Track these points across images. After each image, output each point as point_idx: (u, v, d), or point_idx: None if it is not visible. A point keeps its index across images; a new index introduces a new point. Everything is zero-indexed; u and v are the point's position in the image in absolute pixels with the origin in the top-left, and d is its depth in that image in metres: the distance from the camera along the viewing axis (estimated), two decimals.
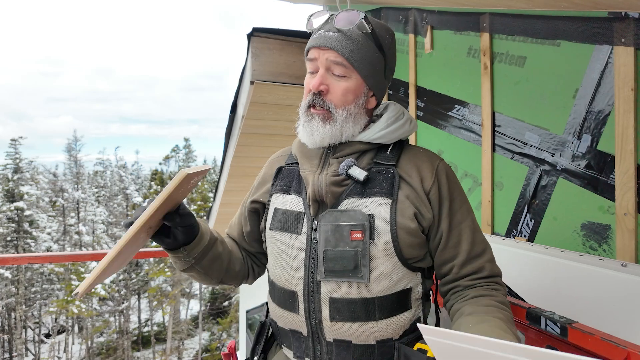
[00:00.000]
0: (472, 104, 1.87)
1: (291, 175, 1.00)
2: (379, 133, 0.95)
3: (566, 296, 1.30)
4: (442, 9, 2.04)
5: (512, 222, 1.66)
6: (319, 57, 0.91)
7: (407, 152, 0.97)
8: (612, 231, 1.29)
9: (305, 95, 0.96)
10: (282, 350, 1.02)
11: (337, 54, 0.90)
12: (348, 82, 0.92)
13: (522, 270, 1.46)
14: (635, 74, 1.20)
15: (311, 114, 0.93)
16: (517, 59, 1.63)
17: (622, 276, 1.16)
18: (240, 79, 2.74)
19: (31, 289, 21.41)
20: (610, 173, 1.29)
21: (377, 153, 0.96)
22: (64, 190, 25.49)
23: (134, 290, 22.52)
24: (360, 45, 0.91)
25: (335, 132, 0.92)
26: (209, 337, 22.50)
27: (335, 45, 0.89)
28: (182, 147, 29.34)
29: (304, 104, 0.95)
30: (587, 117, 1.36)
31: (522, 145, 1.61)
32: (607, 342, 0.91)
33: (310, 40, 0.95)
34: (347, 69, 0.91)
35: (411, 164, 0.94)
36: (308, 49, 0.95)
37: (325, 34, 0.91)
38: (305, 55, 0.97)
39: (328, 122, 0.91)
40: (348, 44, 0.90)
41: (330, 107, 0.91)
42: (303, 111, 0.95)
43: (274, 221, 0.96)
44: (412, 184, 0.91)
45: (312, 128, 0.92)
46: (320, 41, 0.91)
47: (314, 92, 0.91)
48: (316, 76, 0.92)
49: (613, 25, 1.27)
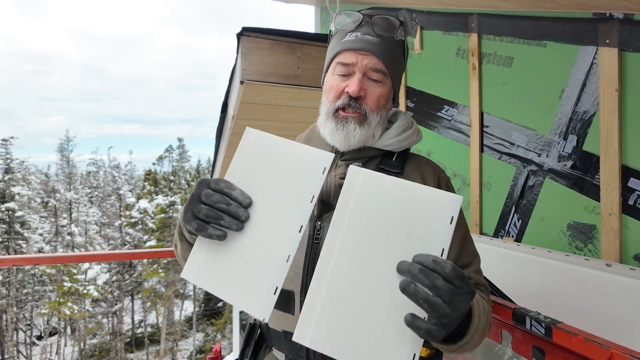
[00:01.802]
0: (461, 104, 1.87)
1: None
2: (389, 140, 0.95)
3: (552, 296, 1.31)
4: (432, 9, 2.04)
5: (500, 222, 1.67)
6: (358, 62, 0.89)
7: (411, 160, 0.98)
8: (597, 231, 1.29)
9: (333, 97, 0.92)
10: (273, 353, 1.01)
11: (378, 61, 0.89)
12: (383, 88, 0.92)
13: (510, 270, 1.46)
14: (619, 75, 1.21)
15: (344, 117, 0.90)
16: (505, 60, 1.63)
17: (606, 276, 1.16)
18: (230, 78, 2.72)
19: (22, 291, 21.17)
20: (595, 173, 1.29)
21: (382, 160, 0.96)
22: (56, 191, 25.24)
23: (127, 291, 22.35)
24: (396, 52, 0.92)
25: (369, 135, 0.92)
26: (203, 338, 22.39)
27: (377, 51, 0.89)
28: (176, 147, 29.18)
29: (334, 106, 0.91)
30: (573, 118, 1.37)
31: (509, 146, 1.61)
32: (590, 342, 0.91)
33: (345, 42, 0.91)
34: (384, 75, 0.91)
35: (415, 171, 0.95)
36: (341, 51, 0.91)
37: (365, 38, 0.89)
38: (333, 56, 0.93)
39: (363, 126, 0.91)
40: (388, 50, 0.90)
41: (367, 112, 0.90)
42: (331, 114, 0.92)
43: None
44: None
45: (349, 132, 0.90)
46: (360, 45, 0.89)
47: (352, 96, 0.89)
48: (353, 80, 0.89)
49: (598, 26, 1.27)
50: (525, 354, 1.10)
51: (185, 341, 22.62)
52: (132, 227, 23.17)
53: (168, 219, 22.20)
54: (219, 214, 0.70)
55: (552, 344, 1.01)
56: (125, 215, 24.08)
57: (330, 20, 0.97)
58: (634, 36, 1.18)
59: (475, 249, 0.96)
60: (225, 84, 2.89)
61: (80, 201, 26.28)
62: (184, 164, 29.15)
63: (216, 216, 0.70)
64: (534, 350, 1.08)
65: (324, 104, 0.96)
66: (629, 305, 1.09)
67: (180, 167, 28.63)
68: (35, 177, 26.31)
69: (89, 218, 26.07)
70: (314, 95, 2.52)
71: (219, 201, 0.70)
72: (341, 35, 0.93)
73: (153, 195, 24.13)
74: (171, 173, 27.14)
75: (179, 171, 28.01)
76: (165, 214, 22.23)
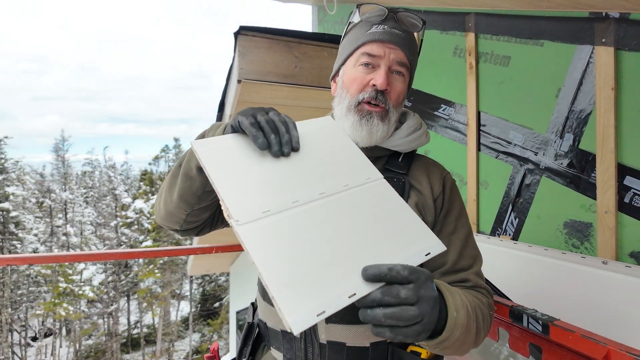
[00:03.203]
0: (458, 103, 1.88)
1: None
2: (399, 141, 0.93)
3: (549, 293, 1.31)
4: (429, 8, 2.05)
5: (497, 221, 1.67)
6: (385, 55, 0.87)
7: (417, 161, 0.97)
8: (593, 229, 1.30)
9: (356, 89, 0.89)
10: (271, 352, 1.00)
11: (404, 55, 0.88)
12: (404, 84, 0.91)
13: (507, 269, 1.47)
14: (615, 74, 1.22)
15: (368, 111, 0.88)
16: (502, 59, 1.64)
17: (603, 273, 1.17)
18: (227, 77, 2.72)
19: (17, 292, 21.01)
20: (591, 172, 1.30)
21: (388, 160, 0.95)
22: (51, 191, 25.08)
23: (123, 291, 22.24)
24: (416, 50, 0.93)
25: (389, 131, 0.91)
26: (200, 338, 22.33)
27: (405, 46, 0.88)
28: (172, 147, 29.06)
29: (357, 98, 0.88)
30: (569, 116, 1.37)
31: (506, 145, 1.62)
32: (587, 339, 0.91)
33: (373, 33, 0.88)
34: (407, 70, 0.90)
35: (422, 171, 0.94)
36: (367, 42, 0.89)
37: (393, 32, 0.88)
38: (358, 46, 0.91)
39: (385, 122, 0.89)
40: (412, 46, 0.90)
41: (390, 107, 0.89)
42: (354, 105, 0.89)
43: None
44: (421, 191, 0.92)
45: (372, 126, 0.88)
46: (389, 37, 0.87)
47: (378, 89, 0.87)
48: (380, 73, 0.87)
49: (594, 25, 1.28)
50: (522, 351, 1.11)
51: (181, 342, 22.53)
52: (128, 228, 23.06)
53: None
54: (278, 128, 0.69)
55: (549, 341, 1.02)
56: (121, 215, 23.96)
57: (352, 12, 0.95)
58: (630, 35, 1.18)
59: (478, 251, 0.94)
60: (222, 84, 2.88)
61: (75, 201, 26.13)
62: None
63: (273, 129, 0.68)
64: (531, 347, 1.08)
65: (342, 97, 0.93)
66: (625, 302, 1.10)
67: None
68: (30, 177, 26.12)
69: (85, 218, 25.92)
70: (312, 95, 2.52)
71: (280, 120, 0.70)
72: (366, 26, 0.91)
73: (149, 195, 24.02)
74: (167, 173, 27.00)
75: None
76: None
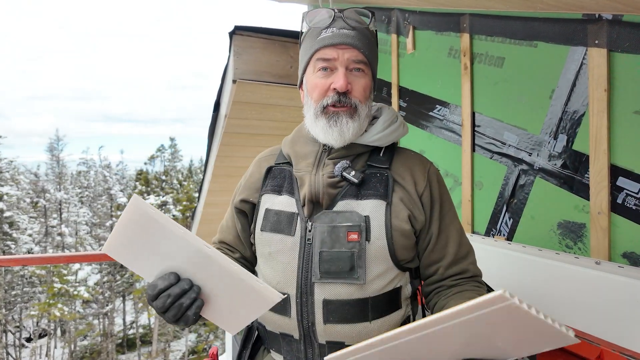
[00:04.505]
0: (453, 104, 1.89)
1: (282, 176, 0.98)
2: (376, 136, 0.94)
3: (543, 294, 1.32)
4: (424, 9, 2.05)
5: (491, 221, 1.68)
6: (339, 57, 0.89)
7: (399, 155, 0.98)
8: (586, 230, 1.31)
9: (319, 95, 0.91)
10: (271, 355, 1.00)
11: (359, 52, 0.89)
12: (366, 79, 0.92)
13: (501, 269, 1.47)
14: (608, 75, 1.23)
15: (335, 112, 0.90)
16: (496, 60, 1.64)
17: (596, 274, 1.18)
18: (222, 77, 2.71)
19: (11, 292, 20.85)
20: (585, 172, 1.31)
21: (370, 156, 0.96)
22: (46, 191, 24.90)
23: (118, 292, 22.13)
24: (372, 43, 0.93)
25: (360, 128, 0.92)
26: (196, 338, 22.26)
27: (356, 43, 0.89)
28: (168, 147, 28.93)
29: (321, 103, 0.90)
30: (563, 117, 1.38)
31: (501, 145, 1.62)
32: (581, 339, 0.92)
33: (322, 39, 0.90)
34: (366, 66, 0.91)
35: (404, 167, 0.95)
36: (319, 48, 0.90)
37: (341, 32, 0.89)
38: (312, 54, 0.92)
39: (355, 119, 0.90)
40: (365, 41, 0.91)
41: (356, 104, 0.90)
42: (320, 111, 0.91)
43: (265, 222, 0.94)
44: (405, 187, 0.92)
45: (342, 125, 0.89)
46: (338, 39, 0.88)
47: (340, 91, 0.88)
48: (337, 75, 0.89)
49: (587, 27, 1.29)
50: None
51: (177, 342, 22.45)
52: None
53: None
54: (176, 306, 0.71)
55: None
56: (116, 215, 23.83)
57: (302, 21, 0.96)
58: (623, 37, 1.19)
59: (468, 239, 0.98)
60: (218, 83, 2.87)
61: (70, 201, 25.96)
62: (176, 164, 28.93)
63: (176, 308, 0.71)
64: None
65: (308, 104, 0.95)
66: (618, 302, 1.10)
67: (172, 167, 28.41)
68: (24, 177, 25.91)
69: (80, 218, 25.77)
70: None
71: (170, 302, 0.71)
72: (316, 32, 0.92)
73: (145, 195, 23.91)
74: (163, 173, 26.93)
75: (170, 171, 27.79)
76: None
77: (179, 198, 24.06)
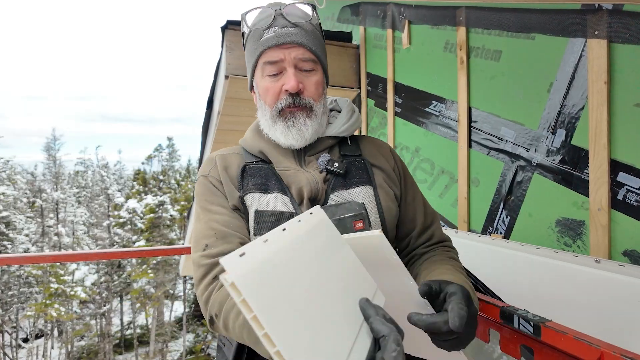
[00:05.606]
0: (449, 99, 1.84)
1: (262, 174, 0.93)
2: (343, 127, 0.96)
3: (541, 293, 1.28)
4: (420, 3, 2.01)
5: (488, 219, 1.64)
6: (286, 57, 0.86)
7: (362, 141, 1.02)
8: (586, 227, 1.27)
9: (272, 99, 0.89)
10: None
11: (306, 50, 0.87)
12: (317, 76, 0.90)
13: (498, 268, 1.43)
14: (608, 67, 1.19)
15: (292, 112, 0.88)
16: (493, 53, 1.60)
17: (595, 272, 1.14)
18: (215, 73, 2.67)
19: (8, 292, 20.75)
20: (584, 168, 1.27)
21: (340, 147, 0.98)
22: (43, 191, 24.79)
23: (115, 292, 22.05)
24: (317, 37, 0.91)
25: (320, 125, 0.92)
26: (194, 338, 22.19)
27: (301, 40, 0.86)
28: (166, 147, 28.83)
29: (276, 107, 0.88)
30: (562, 112, 1.34)
31: (497, 141, 1.58)
32: (580, 341, 0.88)
33: (266, 41, 0.86)
34: (315, 63, 0.90)
35: (373, 150, 0.99)
36: (264, 50, 0.87)
37: (284, 31, 0.86)
38: (257, 58, 0.89)
39: (312, 117, 0.90)
40: (310, 37, 0.88)
41: (310, 103, 0.89)
42: (276, 115, 0.89)
43: (261, 225, 0.87)
44: (382, 167, 0.96)
45: (301, 126, 0.89)
46: (283, 39, 0.85)
47: (292, 92, 0.87)
48: (288, 76, 0.86)
49: (586, 17, 1.25)
50: (513, 353, 1.07)
51: (175, 342, 22.39)
52: (121, 227, 22.85)
53: (157, 219, 21.93)
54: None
55: (540, 342, 0.98)
56: (113, 215, 23.76)
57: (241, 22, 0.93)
58: (623, 27, 1.15)
59: (432, 207, 1.03)
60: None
61: (67, 201, 25.87)
62: (174, 164, 28.84)
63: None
64: (523, 349, 1.05)
65: (263, 109, 0.92)
66: (619, 302, 1.07)
67: (170, 167, 28.32)
68: (21, 177, 25.80)
69: (77, 218, 25.68)
70: None
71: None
72: (258, 34, 0.89)
73: (142, 195, 23.84)
74: (161, 172, 26.83)
75: (168, 171, 27.70)
76: (155, 214, 21.95)
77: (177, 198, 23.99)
